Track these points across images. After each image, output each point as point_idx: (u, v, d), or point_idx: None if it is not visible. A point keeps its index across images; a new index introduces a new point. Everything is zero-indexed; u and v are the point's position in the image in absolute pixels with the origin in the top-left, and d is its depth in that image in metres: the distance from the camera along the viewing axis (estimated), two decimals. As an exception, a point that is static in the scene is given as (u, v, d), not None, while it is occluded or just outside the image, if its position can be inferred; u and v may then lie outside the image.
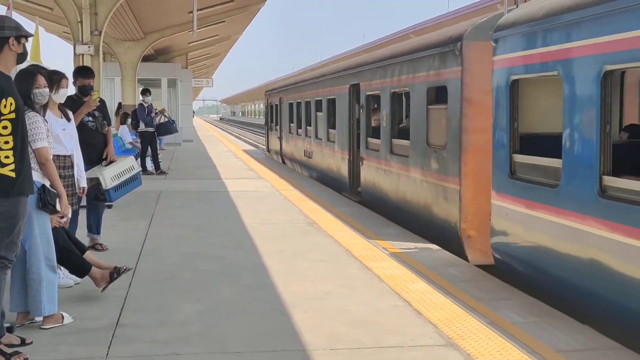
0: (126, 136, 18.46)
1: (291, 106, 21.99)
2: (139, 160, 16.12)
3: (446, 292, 6.53)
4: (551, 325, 5.78)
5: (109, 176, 7.95)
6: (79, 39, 17.45)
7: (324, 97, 17.10)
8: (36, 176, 5.19)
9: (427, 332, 5.28)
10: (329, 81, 16.70)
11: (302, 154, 20.03)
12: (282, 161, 23.92)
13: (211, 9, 24.25)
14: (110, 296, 6.13)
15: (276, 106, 25.63)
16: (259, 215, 10.76)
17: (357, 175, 14.02)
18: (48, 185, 5.37)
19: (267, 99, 28.59)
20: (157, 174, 17.36)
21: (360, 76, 13.81)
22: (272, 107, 27.01)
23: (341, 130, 15.28)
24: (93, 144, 8.10)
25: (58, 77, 6.63)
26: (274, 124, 26.37)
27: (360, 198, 13.70)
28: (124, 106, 23.11)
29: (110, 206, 10.18)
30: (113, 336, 5.16)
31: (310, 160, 18.92)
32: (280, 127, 24.54)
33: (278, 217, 10.64)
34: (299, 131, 20.64)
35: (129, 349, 4.90)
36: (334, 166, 16.05)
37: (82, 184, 6.96)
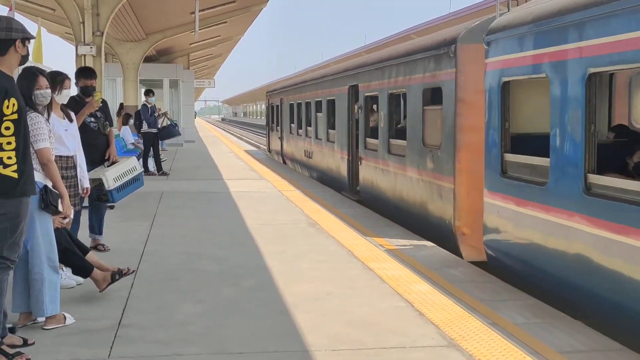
0: (128, 137, 18.49)
1: (292, 107, 22.09)
2: (141, 160, 16.13)
3: (448, 293, 6.53)
4: (553, 326, 5.78)
5: (112, 177, 7.96)
6: (81, 39, 17.49)
7: (323, 98, 17.26)
8: (38, 177, 5.20)
9: (429, 333, 5.28)
10: (329, 82, 16.85)
11: (303, 154, 20.15)
12: (283, 161, 23.96)
13: (213, 10, 24.28)
14: (113, 297, 6.14)
15: (277, 107, 25.68)
16: (260, 216, 10.77)
17: (356, 174, 14.21)
18: (50, 186, 5.37)
19: (268, 99, 28.63)
20: (159, 174, 17.36)
21: (358, 77, 13.99)
22: (273, 108, 27.06)
23: (340, 130, 15.46)
24: (95, 145, 8.11)
25: (61, 78, 6.64)
26: (274, 124, 26.43)
27: (359, 197, 13.86)
28: (125, 107, 23.14)
29: (113, 207, 10.18)
30: (115, 337, 5.17)
31: (311, 160, 19.04)
32: (281, 128, 24.62)
33: (280, 218, 10.65)
34: (299, 131, 20.77)
35: (131, 350, 4.91)
36: (334, 166, 16.19)
37: (85, 185, 6.97)
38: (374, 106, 13.26)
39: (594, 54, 5.98)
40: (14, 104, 4.55)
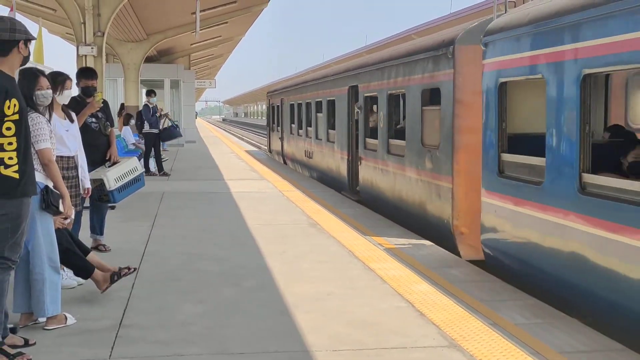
0: (129, 137, 18.49)
1: (292, 107, 22.14)
2: (142, 161, 16.14)
3: (449, 293, 6.54)
4: (554, 326, 5.78)
5: (113, 177, 7.96)
6: (82, 40, 17.50)
7: (324, 99, 17.34)
8: (39, 177, 5.20)
9: (430, 334, 5.29)
10: (329, 83, 16.93)
11: (303, 155, 20.21)
12: (284, 161, 23.99)
13: (214, 10, 24.29)
14: (113, 297, 6.15)
15: (278, 107, 25.71)
16: (261, 216, 10.78)
17: (356, 174, 14.29)
18: (51, 186, 5.38)
19: (269, 100, 28.66)
20: (160, 175, 17.37)
21: (358, 78, 14.08)
22: (273, 108, 27.10)
23: (340, 131, 15.55)
24: (96, 145, 8.12)
25: (62, 78, 6.65)
26: (275, 124, 26.48)
27: (359, 197, 13.94)
28: (126, 107, 23.14)
29: (114, 207, 10.19)
30: (116, 337, 5.17)
31: (311, 161, 19.11)
32: (281, 128, 24.66)
33: (280, 218, 10.66)
34: (299, 132, 20.85)
35: (132, 350, 4.91)
36: (334, 166, 16.27)
37: (86, 185, 6.98)
38: (374, 107, 13.33)
39: (588, 55, 6.08)
40: (15, 105, 4.56)
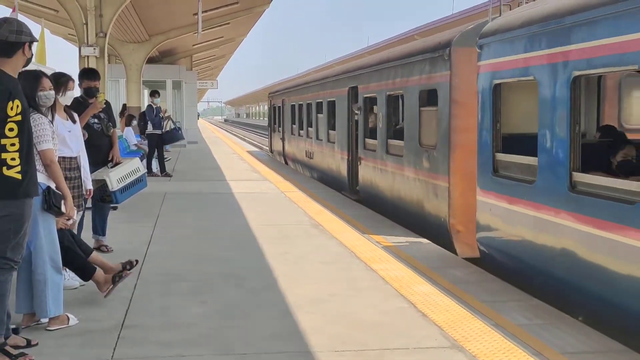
0: (131, 138, 18.49)
1: (293, 108, 22.23)
2: (144, 161, 16.15)
3: (451, 294, 6.53)
4: (556, 327, 5.77)
5: (115, 178, 7.97)
6: (84, 41, 17.52)
7: (324, 99, 17.47)
8: (41, 178, 5.20)
9: (432, 335, 5.29)
10: (329, 84, 17.07)
11: (304, 155, 20.33)
12: (285, 162, 24.04)
13: (216, 11, 24.32)
14: (116, 298, 6.14)
15: (279, 108, 25.77)
16: (263, 217, 10.78)
17: (356, 174, 14.44)
18: (53, 187, 5.38)
19: (270, 100, 28.69)
20: (162, 175, 17.39)
21: (358, 79, 14.22)
22: (275, 109, 27.14)
23: (340, 131, 15.69)
24: (98, 146, 8.13)
25: (65, 79, 6.65)
26: (276, 125, 26.54)
27: (359, 197, 14.06)
28: (128, 108, 23.16)
29: (116, 208, 10.20)
30: (118, 338, 5.17)
31: (312, 161, 19.22)
32: (282, 129, 24.74)
33: (283, 219, 10.66)
34: (300, 132, 20.99)
35: (134, 351, 4.91)
36: (334, 166, 16.40)
37: (88, 186, 6.97)
38: (373, 107, 13.44)
39: (578, 57, 6.23)
40: (18, 106, 4.57)
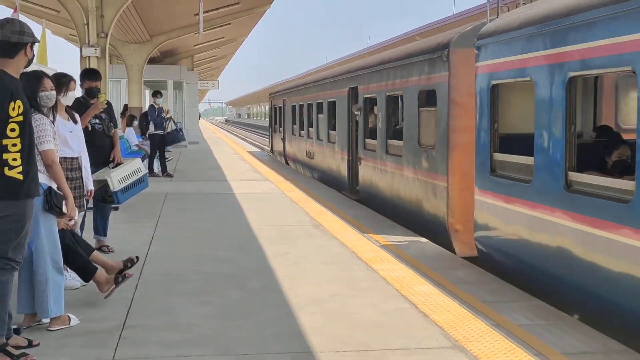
0: (132, 138, 18.49)
1: (294, 108, 22.28)
2: (145, 162, 16.15)
3: (452, 295, 6.53)
4: (558, 327, 5.77)
5: (117, 178, 7.97)
6: (86, 41, 17.53)
7: (324, 100, 17.54)
8: (42, 178, 5.20)
9: (433, 335, 5.29)
10: (329, 84, 17.13)
11: (305, 155, 20.39)
12: (285, 162, 24.07)
13: (217, 11, 24.33)
14: (117, 298, 6.14)
15: (280, 108, 25.79)
16: (264, 217, 10.78)
17: (356, 174, 14.51)
18: (54, 187, 5.38)
19: (271, 101, 28.71)
20: (164, 176, 17.40)
21: (358, 80, 14.29)
22: (275, 110, 27.17)
23: (341, 131, 15.77)
24: (100, 146, 8.13)
25: (66, 79, 6.65)
26: (277, 125, 26.57)
27: (359, 197, 14.12)
28: (130, 108, 23.16)
29: (117, 208, 10.20)
30: (120, 338, 5.17)
31: (312, 161, 19.30)
32: (283, 129, 24.77)
33: (284, 219, 10.66)
34: (301, 133, 21.07)
35: (136, 351, 4.91)
36: (334, 166, 16.48)
37: (90, 187, 6.97)
38: (373, 108, 13.48)
39: (573, 59, 6.32)
40: (19, 106, 4.57)
